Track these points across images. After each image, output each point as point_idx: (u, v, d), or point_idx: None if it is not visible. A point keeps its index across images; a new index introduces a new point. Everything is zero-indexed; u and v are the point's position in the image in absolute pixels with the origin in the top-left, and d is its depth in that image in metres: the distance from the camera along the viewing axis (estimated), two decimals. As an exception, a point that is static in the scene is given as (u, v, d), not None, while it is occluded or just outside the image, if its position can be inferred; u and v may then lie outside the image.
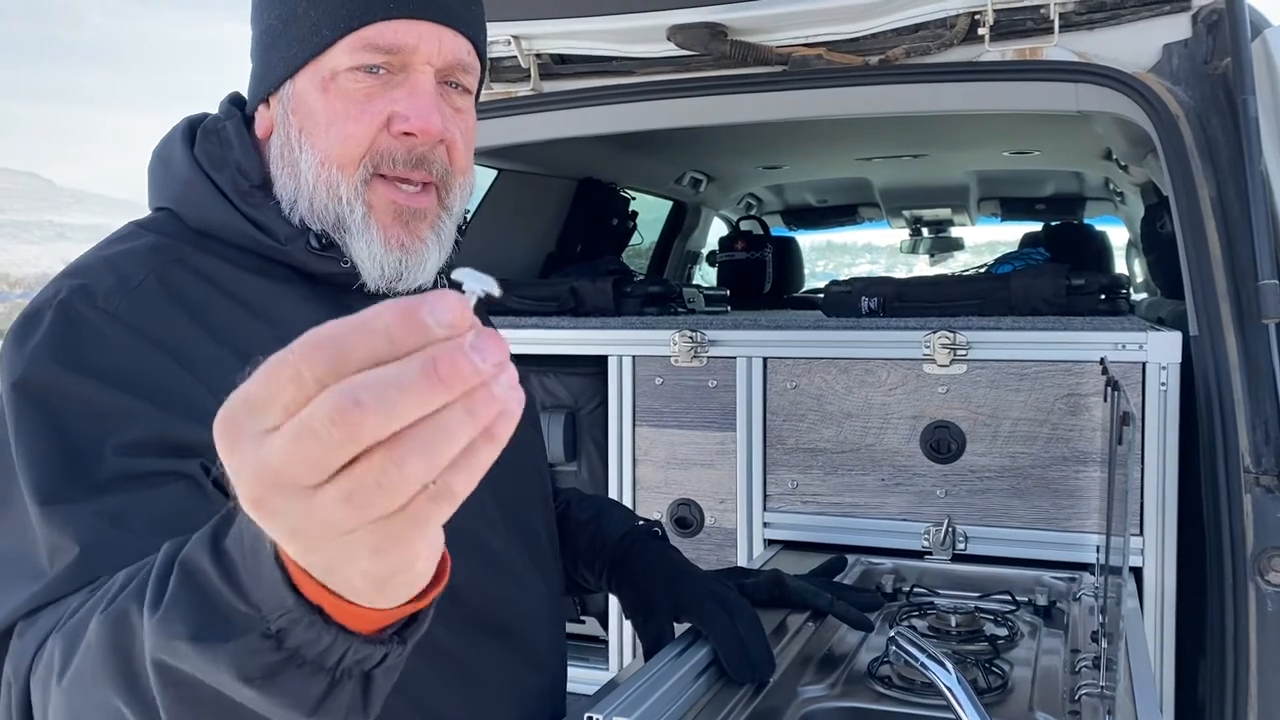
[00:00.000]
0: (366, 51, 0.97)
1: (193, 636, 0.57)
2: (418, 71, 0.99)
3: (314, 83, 0.99)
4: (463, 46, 1.02)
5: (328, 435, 0.42)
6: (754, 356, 1.99)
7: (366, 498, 0.44)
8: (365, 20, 0.97)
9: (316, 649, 0.56)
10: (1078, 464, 1.80)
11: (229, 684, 0.57)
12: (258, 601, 0.55)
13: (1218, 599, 1.63)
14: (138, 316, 0.89)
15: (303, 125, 1.00)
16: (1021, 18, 1.91)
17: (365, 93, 0.98)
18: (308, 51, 0.99)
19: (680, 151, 3.68)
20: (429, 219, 1.02)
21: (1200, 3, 1.84)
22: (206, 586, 0.57)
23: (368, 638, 0.57)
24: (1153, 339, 1.73)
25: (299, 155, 1.00)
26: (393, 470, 0.43)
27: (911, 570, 1.84)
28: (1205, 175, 1.74)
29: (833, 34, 2.03)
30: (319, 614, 0.54)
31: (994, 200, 4.64)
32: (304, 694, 0.57)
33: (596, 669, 2.07)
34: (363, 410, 0.42)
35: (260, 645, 0.55)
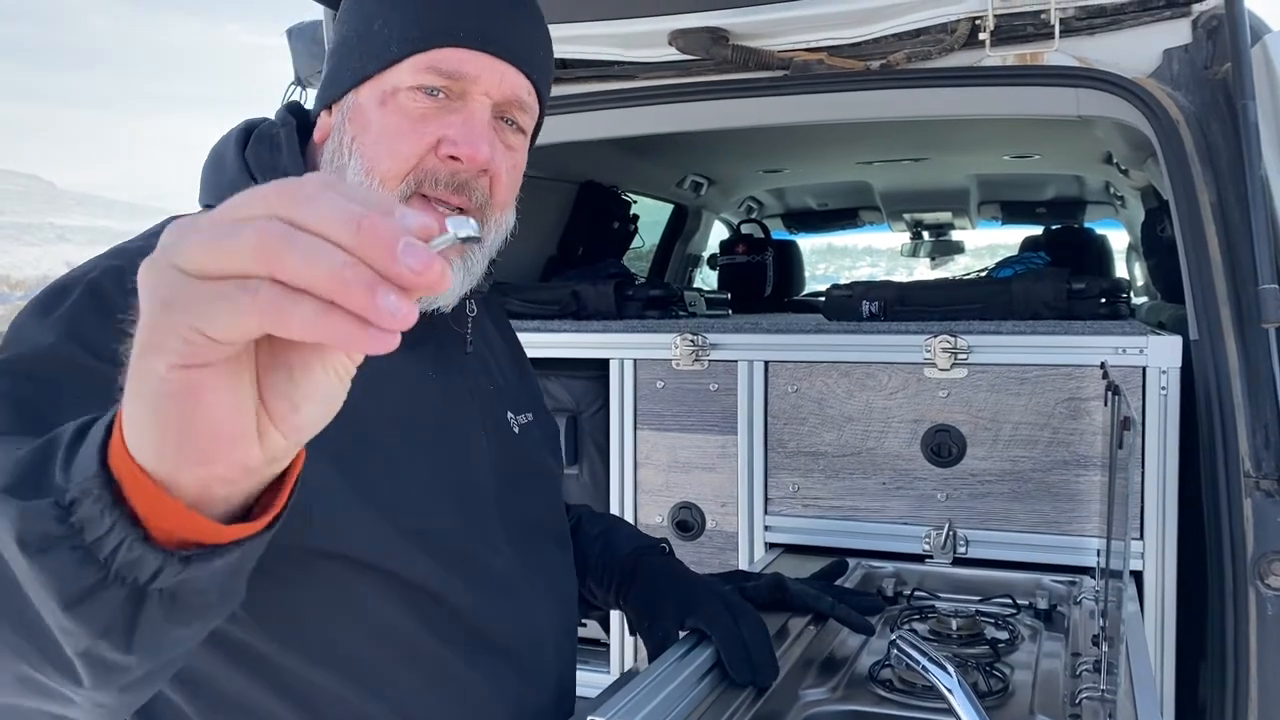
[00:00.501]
0: (429, 73, 1.00)
1: (4, 489, 0.56)
2: (475, 100, 1.01)
3: (374, 96, 1.02)
4: (523, 85, 1.05)
5: (250, 235, 0.45)
6: (755, 360, 1.99)
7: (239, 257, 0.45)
8: (434, 43, 1.00)
9: (95, 531, 0.53)
10: (1078, 468, 1.80)
11: (9, 546, 0.55)
12: (72, 472, 0.54)
13: (1218, 603, 1.63)
14: None
15: (356, 134, 1.02)
16: (1022, 23, 1.91)
17: (421, 112, 1.00)
18: (374, 65, 1.02)
19: (681, 155, 3.69)
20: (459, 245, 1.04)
21: (1200, 8, 1.85)
22: (49, 454, 0.57)
23: (148, 540, 0.54)
24: (1153, 343, 1.74)
25: (347, 162, 1.02)
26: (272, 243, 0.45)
27: (912, 574, 1.84)
28: (1205, 180, 1.74)
29: (834, 39, 2.03)
30: (111, 493, 0.53)
31: (995, 204, 4.65)
32: (69, 580, 0.55)
33: (598, 672, 2.07)
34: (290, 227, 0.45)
35: (48, 510, 0.54)
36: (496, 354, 1.26)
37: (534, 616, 1.13)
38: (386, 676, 0.99)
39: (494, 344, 1.27)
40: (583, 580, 1.35)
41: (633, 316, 2.40)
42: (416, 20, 1.01)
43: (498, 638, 1.08)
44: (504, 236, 1.09)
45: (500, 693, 1.08)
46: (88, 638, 0.57)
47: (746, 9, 1.99)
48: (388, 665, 1.00)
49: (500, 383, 1.22)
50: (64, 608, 0.55)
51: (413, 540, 0.99)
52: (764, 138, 3.28)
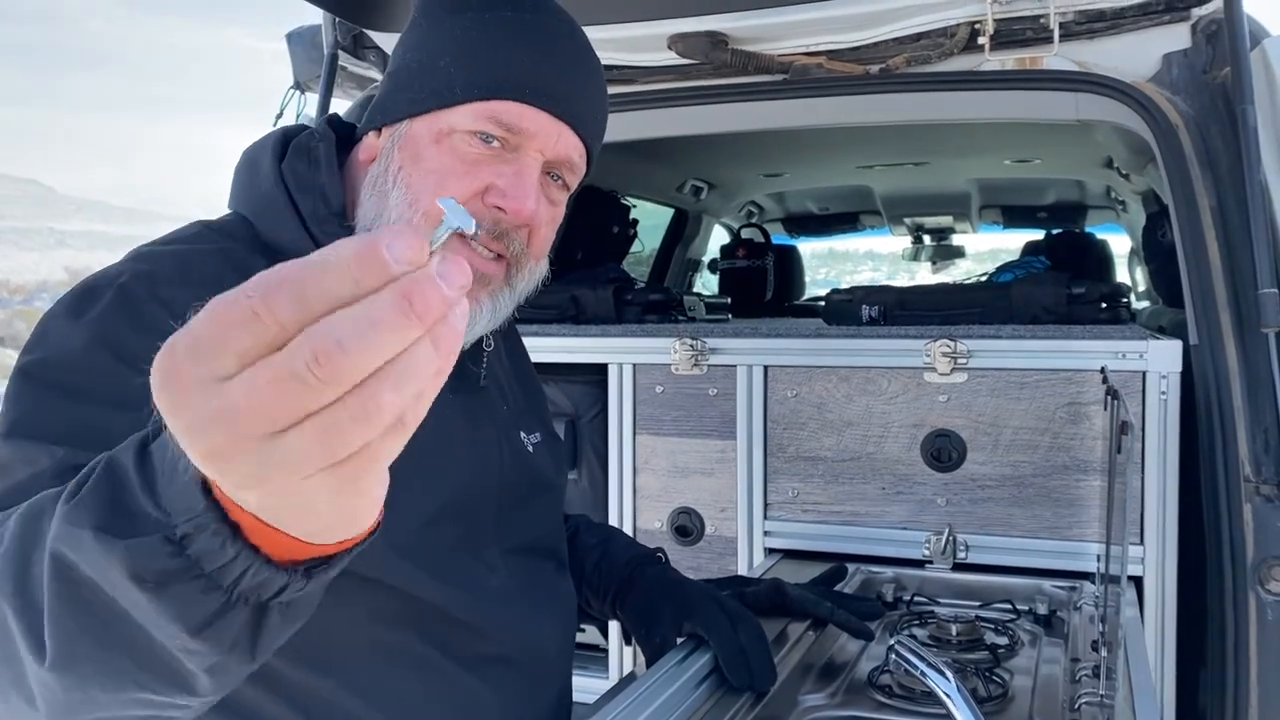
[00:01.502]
0: (489, 122, 1.00)
1: (97, 527, 0.56)
2: (528, 155, 1.02)
3: (430, 131, 1.02)
4: (577, 147, 1.06)
5: (311, 379, 0.42)
6: (754, 365, 1.99)
7: (341, 435, 0.44)
8: (498, 95, 1.00)
9: (217, 562, 0.54)
10: (1078, 473, 1.80)
11: (121, 583, 0.56)
12: (168, 505, 0.55)
13: (1218, 608, 1.63)
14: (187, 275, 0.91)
15: (404, 165, 1.02)
16: (1021, 27, 1.91)
17: (474, 157, 1.01)
18: (434, 102, 1.02)
19: (681, 159, 3.69)
20: (491, 286, 1.04)
21: (1200, 12, 1.85)
22: (123, 484, 0.57)
23: (272, 562, 0.55)
24: (1153, 348, 1.74)
25: (390, 188, 1.02)
26: (370, 404, 0.43)
27: (912, 579, 1.84)
28: (1205, 184, 1.74)
29: (833, 43, 2.03)
30: (227, 524, 0.53)
31: (995, 208, 4.65)
32: (194, 609, 0.56)
33: (596, 677, 2.07)
34: (345, 351, 0.42)
35: (160, 548, 0.55)
36: (508, 376, 1.27)
37: (533, 629, 1.13)
38: (386, 685, 0.99)
39: (506, 367, 1.28)
40: (579, 590, 1.35)
41: (632, 321, 2.40)
42: (485, 68, 1.02)
43: (498, 649, 1.08)
44: (535, 285, 1.10)
45: (500, 702, 1.08)
46: (216, 654, 0.59)
47: (746, 13, 2.00)
48: (388, 675, 1.00)
49: (513, 402, 1.23)
50: (191, 633, 0.57)
51: (409, 556, 0.99)
52: (764, 142, 3.28)
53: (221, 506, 0.53)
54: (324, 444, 0.44)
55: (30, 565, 0.61)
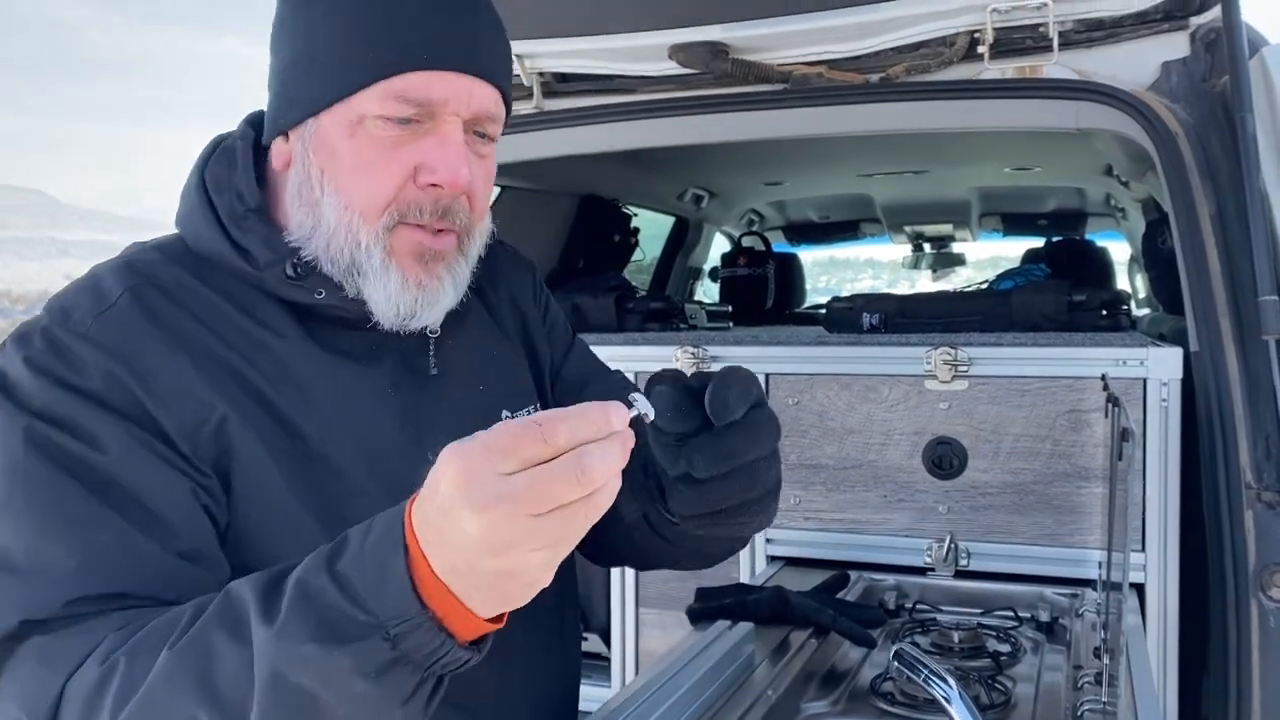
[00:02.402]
0: (397, 102, 0.96)
1: (317, 639, 0.71)
2: (446, 122, 0.98)
3: (340, 124, 0.97)
4: (491, 96, 1.01)
5: (576, 483, 0.64)
6: (756, 372, 1.99)
7: (573, 520, 0.66)
8: (396, 70, 0.95)
9: (424, 651, 0.71)
10: (1079, 480, 1.80)
11: (345, 678, 0.71)
12: (375, 610, 0.71)
13: (1220, 615, 1.63)
14: (109, 336, 0.90)
15: (325, 166, 0.98)
16: (1021, 36, 1.92)
17: (392, 141, 0.97)
18: (335, 93, 0.97)
19: (682, 168, 3.70)
20: (447, 261, 1.02)
21: (1198, 21, 1.86)
22: (324, 600, 0.72)
23: (461, 645, 0.73)
24: (1153, 355, 1.74)
25: (320, 196, 0.98)
26: (598, 500, 0.66)
27: (914, 586, 1.84)
28: (1205, 192, 1.75)
29: (833, 52, 2.04)
30: (436, 622, 0.71)
31: (996, 216, 4.65)
32: (403, 688, 0.73)
33: (599, 686, 2.07)
34: (594, 471, 0.64)
35: (380, 646, 0.70)
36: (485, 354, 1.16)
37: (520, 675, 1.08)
38: None
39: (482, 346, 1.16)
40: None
41: (633, 329, 2.41)
42: (375, 43, 0.96)
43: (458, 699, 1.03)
44: (482, 248, 1.08)
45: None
46: (413, 717, 0.75)
47: (746, 23, 2.00)
48: None
49: (493, 382, 1.14)
50: (400, 705, 0.73)
51: None
52: (765, 151, 3.29)
53: (429, 607, 0.70)
54: (562, 525, 0.65)
55: (216, 687, 0.74)
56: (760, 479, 0.84)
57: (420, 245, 0.99)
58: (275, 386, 0.95)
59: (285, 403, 0.95)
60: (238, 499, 0.92)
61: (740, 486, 0.83)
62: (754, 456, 0.82)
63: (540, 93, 2.25)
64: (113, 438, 0.86)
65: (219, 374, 0.93)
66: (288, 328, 0.99)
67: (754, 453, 0.82)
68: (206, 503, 0.90)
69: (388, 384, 1.03)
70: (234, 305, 0.98)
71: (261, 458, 0.92)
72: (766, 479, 0.85)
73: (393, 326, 1.00)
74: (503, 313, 1.21)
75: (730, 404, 0.81)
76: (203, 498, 0.89)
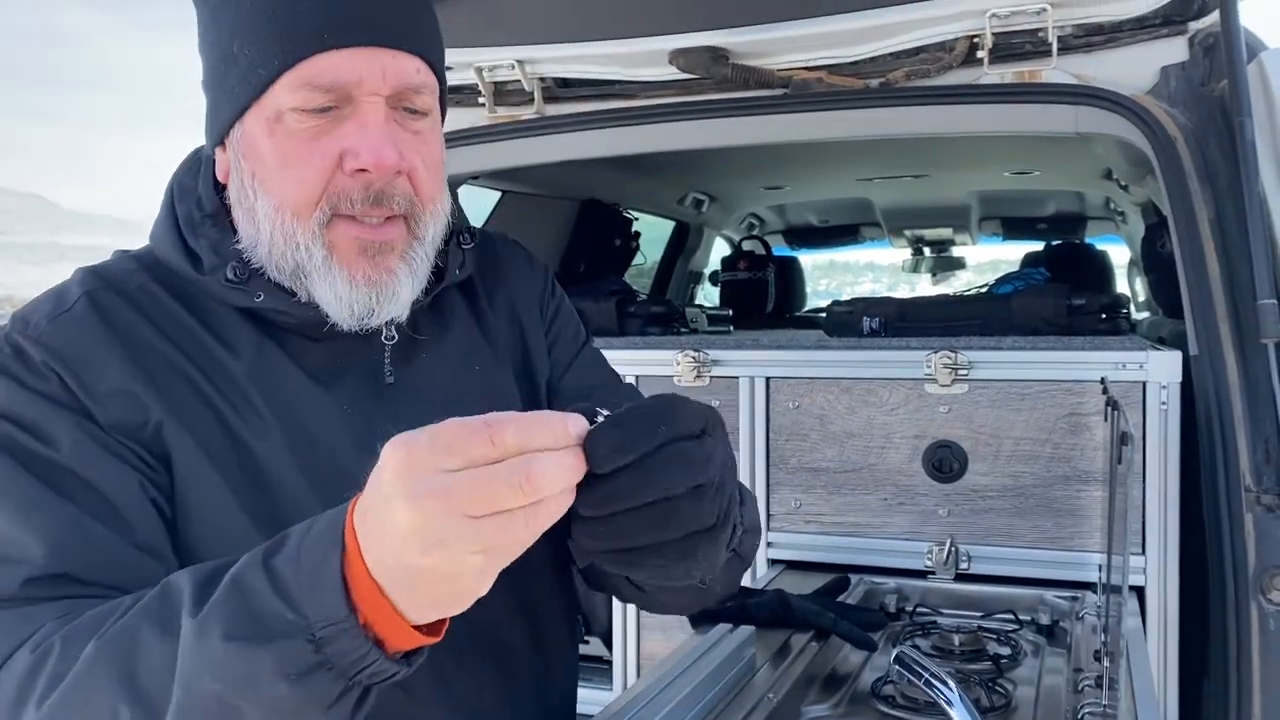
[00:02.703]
0: (308, 91, 0.91)
1: (240, 637, 0.69)
2: (364, 103, 0.93)
3: (260, 123, 0.94)
4: (410, 67, 0.95)
5: (520, 490, 0.61)
6: (757, 376, 2.00)
7: (512, 527, 0.62)
8: (301, 55, 0.91)
9: (349, 658, 0.69)
10: (1079, 483, 1.80)
11: (266, 678, 0.69)
12: (305, 611, 0.68)
13: (1220, 618, 1.63)
14: (57, 338, 0.91)
15: (254, 170, 0.95)
16: (1020, 41, 1.92)
17: (312, 132, 0.93)
18: (249, 92, 0.94)
19: (683, 173, 3.71)
20: (398, 250, 0.97)
21: (1197, 26, 1.86)
22: (256, 597, 0.70)
23: (389, 656, 0.70)
24: (1153, 358, 1.74)
25: (255, 202, 0.96)
26: (542, 511, 0.63)
27: (914, 589, 1.85)
28: (1204, 196, 1.75)
29: (833, 57, 2.05)
30: (364, 629, 0.68)
31: (995, 220, 4.66)
32: (325, 694, 0.70)
33: (600, 689, 2.07)
34: (539, 480, 0.62)
35: (304, 648, 0.68)
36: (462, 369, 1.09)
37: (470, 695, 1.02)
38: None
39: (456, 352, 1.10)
40: None
41: (634, 333, 2.41)
42: (275, 31, 0.92)
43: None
44: (442, 230, 1.02)
45: None
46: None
47: (746, 28, 2.01)
48: None
49: (468, 393, 1.07)
50: (321, 713, 0.71)
51: None
52: (765, 155, 3.30)
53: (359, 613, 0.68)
54: (500, 531, 0.62)
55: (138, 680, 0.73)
56: (676, 520, 0.70)
57: (361, 240, 0.95)
58: (229, 400, 0.94)
59: (237, 418, 0.94)
60: (178, 506, 0.91)
61: (644, 526, 0.70)
62: (651, 498, 0.69)
63: (541, 98, 2.26)
64: (65, 434, 0.87)
65: (168, 381, 0.92)
66: (246, 341, 0.97)
67: (649, 494, 0.68)
68: (155, 496, 0.90)
69: (345, 400, 0.99)
70: (195, 316, 0.97)
71: (204, 470, 0.91)
72: (687, 520, 0.70)
73: (351, 327, 0.97)
74: (496, 325, 1.15)
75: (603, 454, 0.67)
76: (151, 491, 0.90)
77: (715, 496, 0.72)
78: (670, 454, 0.69)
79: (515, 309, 1.17)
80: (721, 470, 0.73)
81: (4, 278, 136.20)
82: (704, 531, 0.72)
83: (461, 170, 2.44)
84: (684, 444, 0.70)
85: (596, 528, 0.70)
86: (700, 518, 0.71)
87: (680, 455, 0.69)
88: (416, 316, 1.05)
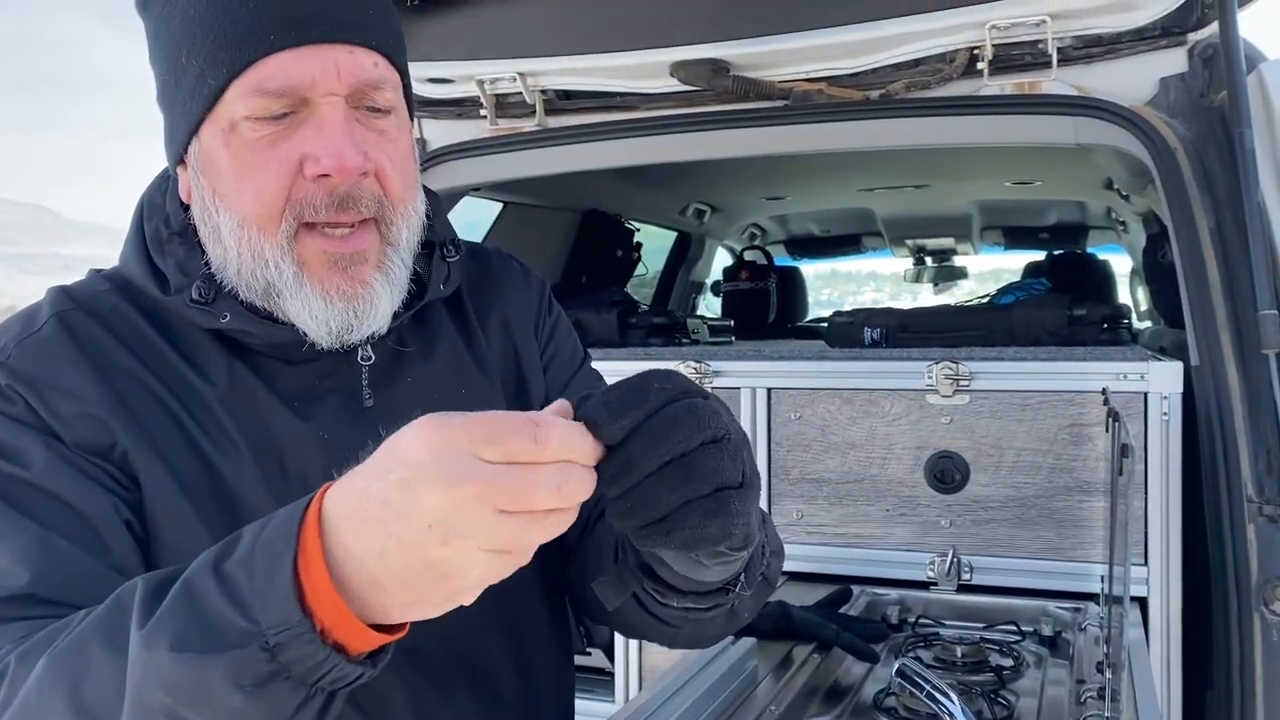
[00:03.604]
0: (258, 97, 0.87)
1: (190, 648, 0.65)
2: (319, 106, 0.88)
3: (215, 137, 0.89)
4: (367, 62, 0.90)
5: (556, 495, 0.61)
6: (758, 387, 2.00)
7: (533, 529, 0.61)
8: (249, 59, 0.87)
9: (306, 665, 0.65)
10: (1081, 494, 1.80)
11: (219, 690, 0.65)
12: (258, 617, 0.64)
13: (1223, 629, 1.63)
14: (23, 361, 0.89)
15: (215, 186, 0.91)
16: (1020, 52, 1.93)
17: (269, 140, 0.88)
18: (200, 104, 0.89)
19: (684, 183, 3.72)
20: (372, 259, 0.92)
21: (1196, 37, 1.87)
22: (206, 603, 0.66)
23: (351, 659, 0.66)
24: (1154, 369, 1.74)
25: (218, 219, 0.91)
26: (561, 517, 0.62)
27: (917, 601, 1.84)
28: (1204, 206, 1.76)
29: (833, 69, 2.05)
30: (317, 633, 0.64)
31: (997, 229, 4.67)
32: (284, 704, 0.66)
33: (603, 701, 2.07)
34: (574, 489, 0.62)
35: (257, 656, 0.64)
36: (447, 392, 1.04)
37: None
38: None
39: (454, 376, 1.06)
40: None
41: (636, 344, 2.41)
42: (219, 37, 0.87)
43: None
44: (418, 233, 0.98)
45: None
46: None
47: (746, 40, 2.02)
48: None
49: None
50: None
51: None
52: (766, 166, 3.30)
53: (310, 615, 0.64)
54: (522, 532, 0.61)
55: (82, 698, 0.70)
56: (698, 474, 0.68)
57: (330, 254, 0.91)
58: (200, 425, 0.91)
59: (209, 443, 0.91)
60: (147, 529, 0.89)
61: (667, 487, 0.67)
62: (668, 456, 0.67)
63: (543, 110, 2.27)
64: (36, 454, 0.85)
65: (139, 405, 0.89)
66: (218, 364, 0.94)
67: (665, 453, 0.67)
68: (128, 518, 0.87)
69: (321, 425, 0.95)
70: (166, 339, 0.94)
71: (173, 495, 0.88)
72: (710, 474, 0.68)
73: (331, 345, 0.93)
74: (486, 344, 1.10)
75: (606, 422, 0.66)
76: (124, 512, 0.87)
77: (735, 452, 0.70)
78: (675, 410, 0.68)
79: (509, 327, 1.13)
80: (737, 430, 0.72)
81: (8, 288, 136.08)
82: (734, 488, 0.70)
83: (464, 182, 2.45)
84: (688, 400, 0.69)
85: (624, 505, 0.68)
86: (724, 471, 0.69)
87: (686, 409, 0.68)
88: (399, 335, 1.01)
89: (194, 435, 0.91)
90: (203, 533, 0.87)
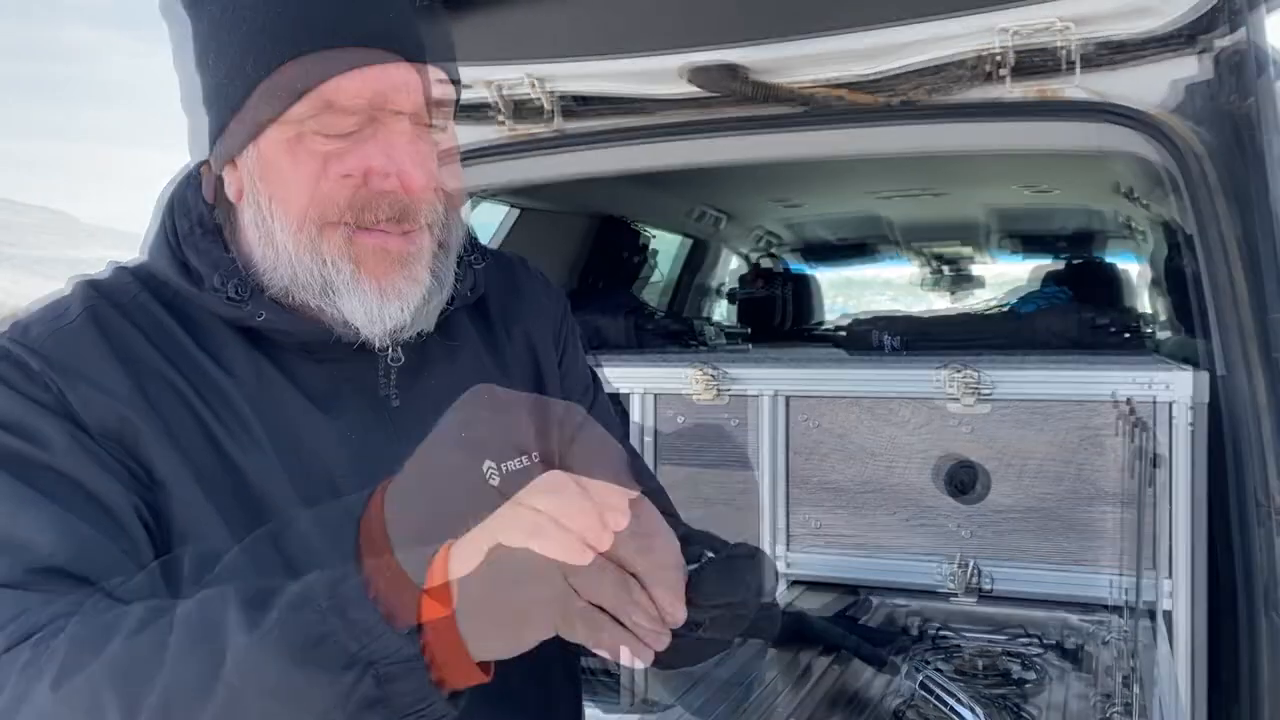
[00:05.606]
0: (331, 114, 0.89)
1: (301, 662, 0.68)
2: (388, 124, 0.91)
3: (279, 144, 0.91)
4: (433, 80, 0.94)
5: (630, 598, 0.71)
6: (775, 394, 1.99)
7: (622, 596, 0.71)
8: (325, 75, 0.89)
9: (409, 697, 0.69)
10: (1102, 503, 1.78)
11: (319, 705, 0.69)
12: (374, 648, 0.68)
13: (1248, 643, 1.60)
14: (57, 350, 0.89)
15: (273, 193, 0.93)
16: (1041, 58, 1.91)
17: (337, 151, 0.91)
18: (268, 113, 0.91)
19: (698, 189, 3.70)
20: (424, 260, 0.95)
21: (1221, 43, 1.84)
22: (322, 624, 0.69)
23: (445, 696, 0.71)
24: (1176, 378, 1.72)
25: (273, 225, 0.93)
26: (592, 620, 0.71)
27: (935, 610, 1.82)
28: (1228, 214, 1.73)
29: (851, 74, 2.03)
30: (427, 669, 0.69)
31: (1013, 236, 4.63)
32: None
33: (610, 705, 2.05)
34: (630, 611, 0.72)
35: (368, 684, 0.68)
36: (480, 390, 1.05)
37: None
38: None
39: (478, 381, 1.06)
40: None
41: (650, 350, 2.40)
42: (291, 49, 0.89)
43: None
44: (462, 239, 1.01)
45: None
46: None
47: (762, 45, 2.00)
48: None
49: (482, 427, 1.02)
50: None
51: None
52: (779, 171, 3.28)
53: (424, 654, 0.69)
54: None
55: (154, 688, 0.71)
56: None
57: (388, 251, 0.93)
58: (222, 420, 0.91)
59: (230, 439, 0.91)
60: (165, 525, 0.89)
61: None
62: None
63: (559, 115, 2.25)
64: (60, 440, 0.86)
65: (162, 398, 0.90)
66: (242, 360, 0.95)
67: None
68: (143, 514, 0.87)
69: (345, 423, 0.97)
70: (190, 333, 0.94)
71: (192, 490, 0.89)
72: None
73: (383, 342, 0.95)
74: (509, 352, 1.12)
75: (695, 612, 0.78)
76: (141, 510, 0.87)
77: None
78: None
79: (530, 336, 1.15)
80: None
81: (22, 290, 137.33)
82: None
83: (479, 186, 2.44)
84: None
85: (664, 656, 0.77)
86: None
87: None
88: (424, 339, 1.01)
89: (214, 429, 0.91)
90: (220, 524, 0.88)
